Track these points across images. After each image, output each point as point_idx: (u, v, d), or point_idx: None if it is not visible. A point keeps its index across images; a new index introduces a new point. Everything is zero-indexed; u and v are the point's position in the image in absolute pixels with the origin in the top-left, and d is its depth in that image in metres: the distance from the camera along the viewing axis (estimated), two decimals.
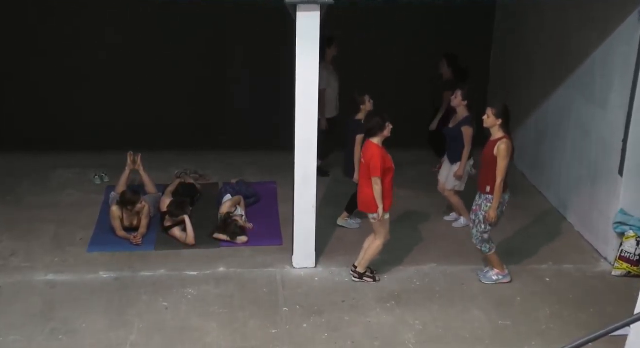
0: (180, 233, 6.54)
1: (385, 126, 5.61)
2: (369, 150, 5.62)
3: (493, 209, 5.56)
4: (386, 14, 8.60)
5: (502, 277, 5.94)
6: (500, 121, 5.52)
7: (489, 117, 5.54)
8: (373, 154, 5.57)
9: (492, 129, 5.57)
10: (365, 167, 5.66)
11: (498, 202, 5.55)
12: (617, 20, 6.07)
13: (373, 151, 5.58)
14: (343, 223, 6.88)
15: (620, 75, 6.06)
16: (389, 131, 5.64)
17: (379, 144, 5.62)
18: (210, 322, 5.39)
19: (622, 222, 6.11)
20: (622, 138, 6.05)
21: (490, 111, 5.54)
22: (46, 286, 5.82)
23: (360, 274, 5.96)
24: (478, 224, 5.70)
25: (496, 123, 5.53)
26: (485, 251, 5.81)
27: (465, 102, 6.50)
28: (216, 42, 8.75)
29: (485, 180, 5.62)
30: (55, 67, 8.64)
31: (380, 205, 5.60)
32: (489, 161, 5.55)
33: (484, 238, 5.74)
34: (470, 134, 6.47)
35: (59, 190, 7.60)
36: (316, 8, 5.43)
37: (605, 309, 5.61)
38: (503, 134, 5.54)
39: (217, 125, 8.89)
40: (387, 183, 5.61)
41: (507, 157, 5.46)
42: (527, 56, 8.04)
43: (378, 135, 5.62)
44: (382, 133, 5.61)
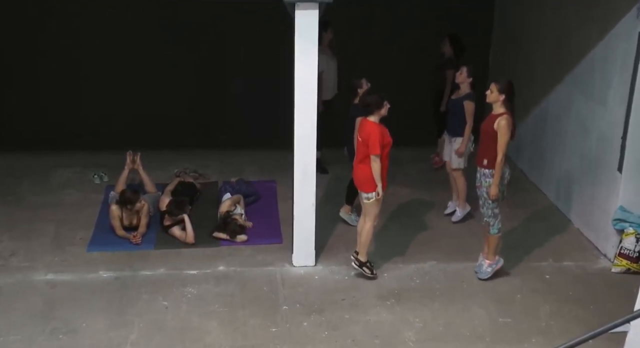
0: (180, 232, 6.54)
1: (383, 104, 5.56)
2: (366, 127, 5.57)
3: (494, 185, 5.53)
4: (384, 11, 8.60)
5: (495, 265, 5.92)
6: (503, 97, 5.48)
7: (492, 92, 5.52)
8: (371, 131, 5.51)
9: (495, 105, 5.55)
10: (362, 145, 5.60)
11: (499, 178, 5.52)
12: (616, 18, 6.06)
13: (371, 128, 5.53)
14: (345, 216, 6.86)
15: (620, 72, 6.06)
16: (386, 110, 5.59)
17: (376, 121, 5.58)
18: (211, 321, 5.39)
19: (622, 218, 6.11)
20: (621, 135, 6.05)
21: (494, 86, 5.52)
22: (46, 286, 5.82)
23: (362, 263, 5.94)
24: (485, 201, 5.68)
25: (499, 98, 5.50)
26: (494, 232, 5.76)
27: (470, 79, 6.55)
28: (215, 41, 8.74)
29: (483, 153, 5.61)
30: (55, 67, 8.64)
31: (379, 183, 5.57)
32: (488, 135, 5.53)
33: (495, 213, 5.71)
34: (472, 109, 6.51)
35: (59, 190, 7.60)
36: (314, 7, 5.43)
37: (605, 306, 5.61)
38: (505, 110, 5.50)
39: (216, 124, 8.88)
40: (383, 159, 5.57)
41: (507, 133, 5.44)
42: (526, 54, 8.04)
43: (375, 113, 5.58)
44: (379, 111, 5.57)
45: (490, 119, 5.56)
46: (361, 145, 5.64)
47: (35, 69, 8.63)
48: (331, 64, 7.72)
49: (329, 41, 7.63)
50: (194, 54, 8.74)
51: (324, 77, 7.46)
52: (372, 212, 5.76)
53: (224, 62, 8.83)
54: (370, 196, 5.67)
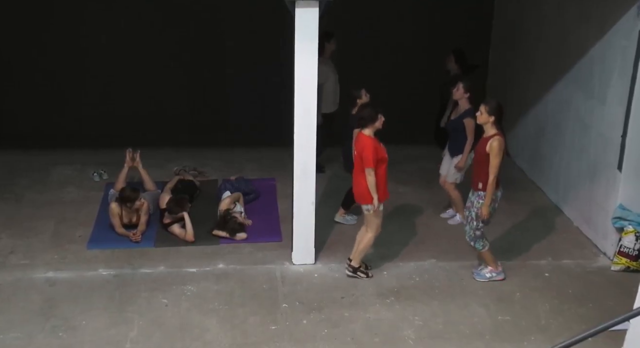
0: (180, 230, 6.54)
1: (378, 117, 5.59)
2: (361, 141, 5.61)
3: (485, 206, 5.55)
4: (384, 9, 8.59)
5: (496, 274, 5.92)
6: (493, 118, 5.49)
7: (482, 113, 5.53)
8: (365, 145, 5.55)
9: (485, 126, 5.56)
10: (358, 158, 5.65)
11: (490, 199, 5.54)
12: (615, 15, 6.06)
13: (365, 142, 5.57)
14: (340, 219, 6.88)
15: (619, 70, 6.06)
16: (380, 123, 5.62)
17: (371, 135, 5.60)
18: (210, 319, 5.39)
19: (621, 217, 6.11)
20: (621, 133, 6.06)
21: (483, 108, 5.53)
22: (46, 283, 5.81)
23: (355, 268, 5.96)
24: (471, 221, 5.70)
25: (489, 120, 5.51)
26: (479, 248, 5.80)
27: (467, 95, 6.51)
28: (216, 38, 8.73)
29: (477, 177, 5.62)
30: (55, 64, 8.64)
31: (375, 195, 5.58)
32: (481, 158, 5.55)
33: (477, 234, 5.73)
34: (472, 125, 6.46)
35: (59, 188, 7.60)
36: (315, 4, 5.42)
37: (605, 304, 5.62)
38: (495, 130, 5.52)
39: (216, 121, 8.88)
40: (380, 174, 5.60)
41: (499, 155, 5.45)
42: (526, 52, 8.04)
43: (369, 126, 5.60)
44: (373, 124, 5.60)
45: (483, 142, 5.57)
46: (357, 158, 5.69)
47: (35, 67, 8.63)
48: (332, 77, 7.64)
49: (330, 53, 7.58)
50: (194, 51, 8.74)
51: (324, 89, 7.44)
52: (373, 222, 5.79)
53: (224, 60, 8.83)
54: (368, 208, 5.71)
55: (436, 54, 8.07)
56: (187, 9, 8.33)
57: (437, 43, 8.12)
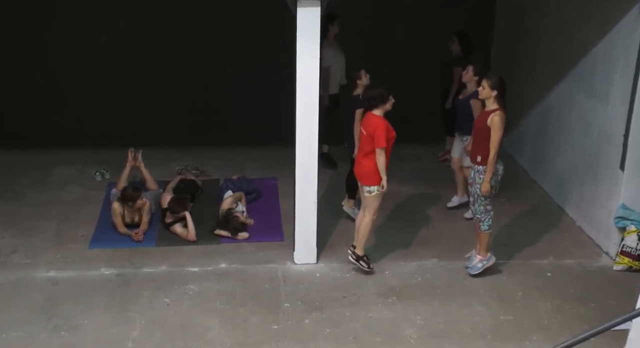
0: (181, 229, 6.54)
1: (388, 98, 5.64)
2: (372, 121, 5.63)
3: (486, 182, 5.54)
4: (384, 9, 8.57)
5: (487, 261, 5.91)
6: (496, 93, 5.49)
7: (484, 88, 5.54)
8: (377, 125, 5.59)
9: (487, 101, 5.56)
10: (367, 138, 5.65)
11: (491, 174, 5.53)
12: (618, 14, 6.05)
13: (376, 122, 5.60)
14: (349, 210, 6.85)
15: (622, 69, 6.05)
16: (390, 104, 5.67)
17: (381, 115, 5.65)
18: (212, 318, 5.39)
19: (624, 216, 6.10)
20: (623, 132, 6.04)
21: (486, 82, 5.54)
22: (48, 283, 5.82)
23: (359, 256, 5.96)
24: (478, 198, 5.68)
25: (491, 94, 5.50)
26: (485, 228, 5.77)
27: (477, 78, 6.54)
28: (217, 37, 8.73)
29: (476, 150, 5.62)
30: (56, 63, 8.64)
31: (384, 176, 5.62)
32: (481, 131, 5.54)
33: (487, 209, 5.71)
34: (479, 107, 6.49)
35: (60, 187, 7.60)
36: (317, 3, 5.41)
37: (607, 304, 5.61)
38: (497, 106, 5.51)
39: (217, 121, 8.88)
40: (387, 153, 5.64)
41: (500, 130, 5.43)
42: (528, 50, 8.03)
43: (379, 107, 5.64)
44: (384, 105, 5.64)
45: (483, 116, 5.57)
46: (366, 138, 5.68)
47: (36, 66, 8.63)
48: (338, 58, 7.70)
49: (334, 35, 7.61)
50: (195, 51, 8.74)
51: (331, 71, 7.47)
52: (373, 205, 5.79)
53: (224, 59, 8.83)
54: (372, 189, 5.70)
55: (437, 53, 8.05)
56: (187, 9, 8.33)
57: (438, 43, 8.10)
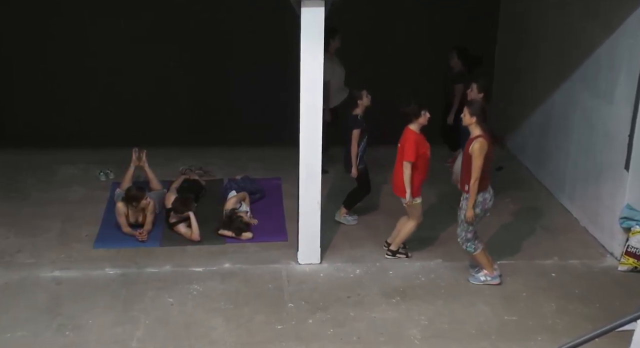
0: (185, 229, 6.55)
1: (421, 113, 5.81)
2: (405, 134, 5.83)
3: (469, 208, 5.54)
4: (387, 9, 8.56)
5: (491, 278, 5.86)
6: (475, 119, 5.49)
7: (465, 115, 5.56)
8: (407, 138, 5.78)
9: (470, 127, 5.56)
10: (400, 150, 5.85)
11: (473, 201, 5.52)
12: (622, 13, 6.03)
13: (408, 135, 5.80)
14: (341, 219, 6.86)
15: (626, 68, 6.03)
16: (425, 119, 5.84)
17: (416, 130, 5.82)
18: (216, 318, 5.40)
19: (628, 217, 6.08)
20: (628, 132, 6.03)
21: (466, 109, 5.56)
22: (52, 282, 5.84)
23: (394, 251, 6.16)
24: (461, 223, 5.70)
25: (471, 121, 5.51)
26: (470, 251, 5.76)
27: (482, 95, 6.55)
28: (221, 38, 8.74)
29: (464, 178, 5.64)
30: (60, 64, 8.65)
31: (408, 189, 5.74)
32: (466, 160, 5.57)
33: (468, 237, 5.70)
34: None
35: (65, 187, 7.62)
36: (320, 4, 5.41)
37: (612, 304, 5.60)
38: (479, 132, 5.50)
39: (221, 121, 8.89)
40: (419, 169, 5.78)
41: (480, 156, 5.42)
42: (532, 51, 8.01)
43: (414, 122, 5.82)
44: (417, 120, 5.81)
45: (468, 143, 5.58)
46: (399, 150, 5.86)
47: (41, 66, 8.65)
48: (338, 71, 7.64)
49: (335, 50, 7.57)
50: (199, 49, 8.74)
51: (330, 86, 7.44)
52: (414, 213, 6.01)
53: (229, 59, 8.83)
54: (402, 201, 5.91)
55: (440, 54, 8.04)
56: (187, 9, 8.33)
57: (441, 43, 8.09)
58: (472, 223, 5.61)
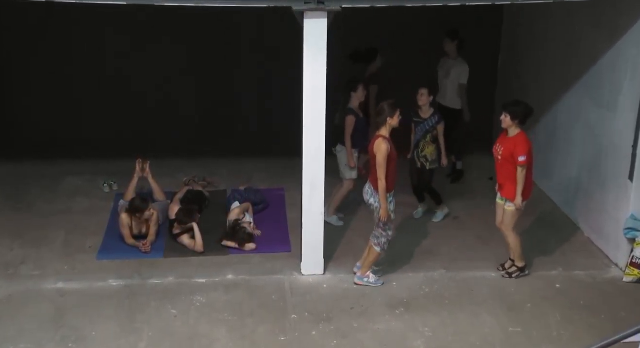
0: (189, 240, 6.55)
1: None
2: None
3: (383, 209, 5.64)
4: (391, 20, 8.58)
5: (374, 281, 5.95)
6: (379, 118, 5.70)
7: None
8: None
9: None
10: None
11: (385, 201, 5.64)
12: (625, 24, 6.04)
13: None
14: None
15: (630, 78, 6.03)
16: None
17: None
18: (219, 329, 5.39)
19: (633, 227, 6.06)
20: (631, 142, 6.02)
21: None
22: (56, 294, 5.84)
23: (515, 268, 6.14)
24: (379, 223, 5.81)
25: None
26: (377, 249, 5.85)
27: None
28: (225, 48, 8.78)
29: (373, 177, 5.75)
30: (63, 75, 8.71)
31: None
32: (371, 156, 5.73)
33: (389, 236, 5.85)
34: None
35: (69, 198, 7.63)
36: (323, 15, 5.44)
37: (617, 315, 5.57)
38: (379, 132, 5.65)
39: (225, 131, 8.91)
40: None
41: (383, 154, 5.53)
42: (535, 61, 8.02)
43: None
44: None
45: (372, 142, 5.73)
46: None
47: (44, 77, 8.70)
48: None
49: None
50: (203, 60, 8.78)
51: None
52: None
53: (233, 68, 8.87)
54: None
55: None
56: (196, 20, 8.37)
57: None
58: (388, 222, 5.73)
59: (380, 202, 5.65)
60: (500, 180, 5.92)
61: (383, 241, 5.83)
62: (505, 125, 5.81)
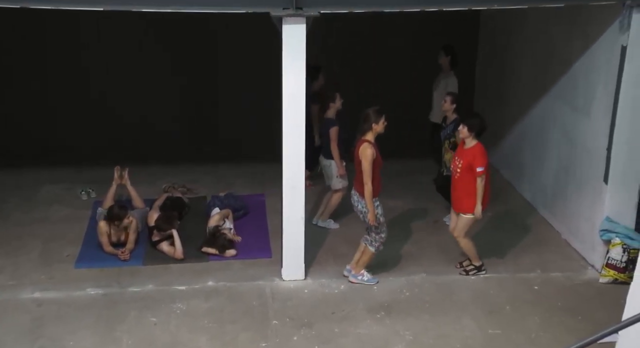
0: (169, 247, 6.50)
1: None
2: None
3: (371, 213, 5.70)
4: (370, 28, 8.65)
5: (362, 277, 6.03)
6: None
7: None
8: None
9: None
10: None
11: (372, 205, 5.70)
12: (599, 30, 6.16)
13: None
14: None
15: (604, 83, 6.14)
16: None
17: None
18: (200, 336, 5.35)
19: (608, 229, 6.16)
20: (606, 146, 6.12)
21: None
22: (33, 304, 5.75)
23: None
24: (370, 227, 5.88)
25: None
26: (372, 249, 5.94)
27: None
28: (205, 54, 8.77)
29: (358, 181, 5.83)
30: (40, 82, 8.62)
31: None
32: (355, 161, 5.80)
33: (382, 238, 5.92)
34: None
35: (46, 206, 7.54)
36: (302, 21, 5.46)
37: (594, 316, 5.65)
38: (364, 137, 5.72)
39: (205, 138, 8.89)
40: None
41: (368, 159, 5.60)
42: (511, 67, 8.13)
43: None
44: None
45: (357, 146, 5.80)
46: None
47: (20, 85, 8.60)
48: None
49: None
50: (183, 66, 8.76)
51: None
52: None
53: (213, 74, 8.86)
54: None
55: (423, 70, 8.13)
56: (177, 26, 8.36)
57: (424, 60, 8.19)
58: (380, 225, 5.80)
59: (368, 207, 5.68)
60: (455, 197, 6.01)
61: (377, 244, 5.92)
62: (463, 136, 5.94)
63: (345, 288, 6.04)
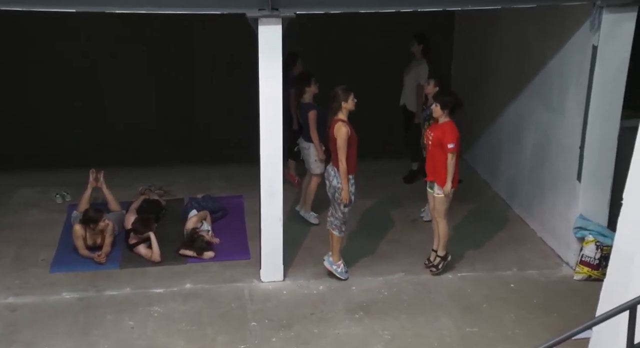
0: (146, 250, 6.45)
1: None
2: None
3: (345, 191, 5.77)
4: (346, 27, 8.66)
5: (340, 271, 6.09)
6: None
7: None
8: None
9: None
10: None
11: (347, 183, 5.76)
12: (571, 30, 6.25)
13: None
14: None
15: (576, 82, 6.24)
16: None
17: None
18: (178, 340, 5.32)
19: (582, 226, 6.24)
20: (579, 144, 6.21)
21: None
22: (6, 309, 5.66)
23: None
24: (337, 204, 5.92)
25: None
26: (336, 233, 5.99)
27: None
28: (184, 54, 8.71)
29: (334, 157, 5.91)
30: (14, 83, 8.49)
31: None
32: (331, 140, 5.87)
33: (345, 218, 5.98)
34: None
35: (20, 210, 7.42)
36: (277, 22, 5.45)
37: (569, 312, 5.72)
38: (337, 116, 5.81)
39: (183, 139, 8.82)
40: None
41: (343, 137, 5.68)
42: (487, 66, 8.20)
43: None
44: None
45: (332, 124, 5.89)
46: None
47: None
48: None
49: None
50: (161, 67, 8.69)
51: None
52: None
53: (191, 76, 8.80)
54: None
55: (399, 69, 8.16)
56: (154, 27, 8.28)
57: (399, 58, 8.22)
58: (348, 205, 5.86)
59: (342, 184, 5.72)
60: (429, 169, 6.10)
61: (338, 223, 5.95)
62: (436, 114, 6.01)
63: (324, 289, 6.05)
